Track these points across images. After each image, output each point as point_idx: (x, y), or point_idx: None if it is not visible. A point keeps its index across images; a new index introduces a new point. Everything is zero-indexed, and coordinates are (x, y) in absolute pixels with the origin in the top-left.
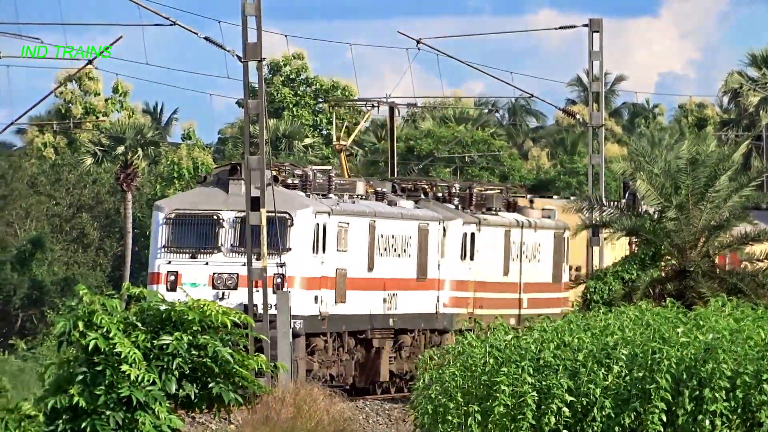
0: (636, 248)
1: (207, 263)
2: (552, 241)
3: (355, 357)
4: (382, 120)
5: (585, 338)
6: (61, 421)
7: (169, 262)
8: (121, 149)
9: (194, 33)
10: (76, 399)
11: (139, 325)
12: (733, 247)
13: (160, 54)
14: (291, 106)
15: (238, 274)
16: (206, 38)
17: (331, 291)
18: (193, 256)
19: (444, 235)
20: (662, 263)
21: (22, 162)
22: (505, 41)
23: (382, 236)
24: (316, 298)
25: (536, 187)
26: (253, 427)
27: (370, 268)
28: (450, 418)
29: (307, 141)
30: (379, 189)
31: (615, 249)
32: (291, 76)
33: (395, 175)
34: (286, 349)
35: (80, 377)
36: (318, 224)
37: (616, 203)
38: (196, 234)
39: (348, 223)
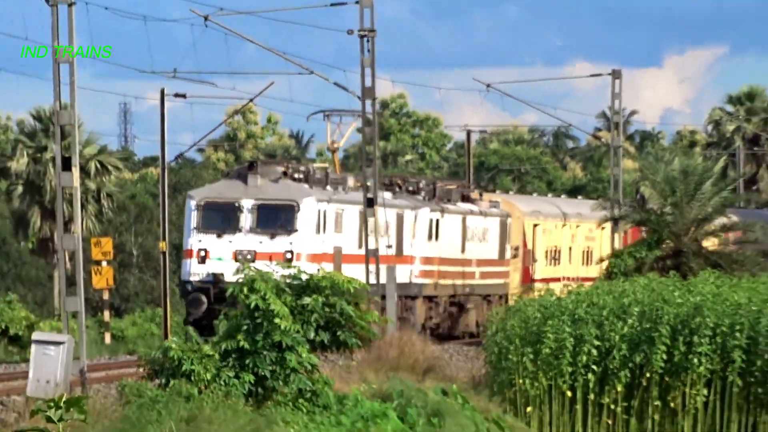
0: (645, 234)
1: (230, 241)
2: (498, 226)
3: None
4: (462, 142)
5: (608, 299)
6: (231, 358)
7: (200, 241)
8: None
9: (326, 79)
10: (241, 343)
11: (287, 290)
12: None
13: (301, 93)
14: (396, 132)
15: (255, 250)
16: (335, 83)
17: (330, 264)
18: (219, 236)
19: (415, 220)
20: (663, 245)
21: (202, 173)
22: (551, 85)
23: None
24: (318, 270)
25: (572, 191)
26: (369, 364)
27: (360, 246)
28: (510, 356)
29: (408, 157)
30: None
31: (546, 233)
32: (395, 111)
33: (470, 182)
34: (392, 308)
35: (245, 327)
36: (320, 210)
37: (629, 202)
38: (221, 218)
39: (343, 210)
